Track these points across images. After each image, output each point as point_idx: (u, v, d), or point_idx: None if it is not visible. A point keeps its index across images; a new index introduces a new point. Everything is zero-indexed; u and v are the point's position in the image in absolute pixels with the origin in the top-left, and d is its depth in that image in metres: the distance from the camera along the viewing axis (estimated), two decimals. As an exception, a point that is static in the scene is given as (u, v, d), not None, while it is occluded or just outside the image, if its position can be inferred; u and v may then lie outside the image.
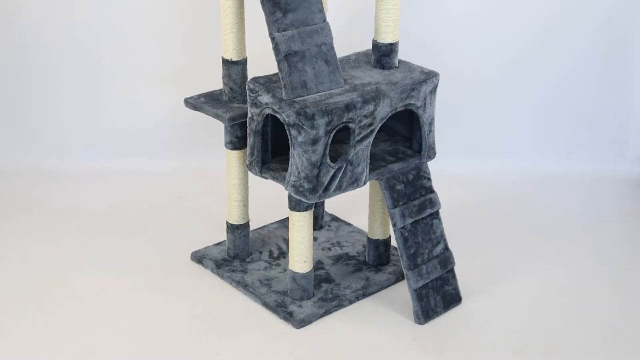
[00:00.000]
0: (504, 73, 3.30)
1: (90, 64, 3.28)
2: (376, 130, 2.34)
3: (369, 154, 2.35)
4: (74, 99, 3.32)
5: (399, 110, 2.37)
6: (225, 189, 2.69)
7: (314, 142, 2.23)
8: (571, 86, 3.32)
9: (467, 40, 3.27)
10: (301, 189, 2.29)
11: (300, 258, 2.44)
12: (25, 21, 3.23)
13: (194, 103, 2.55)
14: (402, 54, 2.60)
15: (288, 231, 2.60)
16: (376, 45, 2.44)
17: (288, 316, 2.45)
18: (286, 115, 2.25)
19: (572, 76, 3.31)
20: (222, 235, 2.81)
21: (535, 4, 3.22)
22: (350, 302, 2.53)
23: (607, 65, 3.30)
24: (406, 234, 2.43)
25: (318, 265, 2.67)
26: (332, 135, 2.25)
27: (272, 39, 2.26)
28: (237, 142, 2.53)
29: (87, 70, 3.29)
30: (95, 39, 3.25)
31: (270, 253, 2.73)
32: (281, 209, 2.95)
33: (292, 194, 2.34)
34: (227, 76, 2.51)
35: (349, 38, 2.92)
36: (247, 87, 2.36)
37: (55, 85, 3.30)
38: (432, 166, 2.71)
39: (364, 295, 2.56)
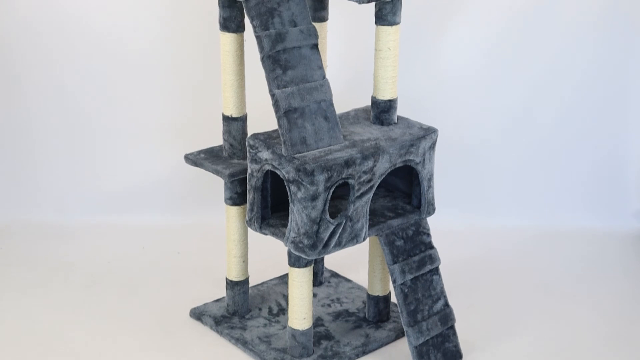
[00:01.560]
0: (503, 129, 3.32)
1: (90, 119, 3.30)
2: (375, 186, 2.34)
3: (368, 209, 2.35)
4: (74, 154, 3.33)
5: (398, 166, 2.38)
6: (224, 244, 2.69)
7: (314, 198, 2.23)
8: (570, 142, 3.33)
9: (466, 96, 3.29)
10: (301, 245, 2.28)
11: (300, 315, 2.43)
12: (25, 77, 3.25)
13: (194, 159, 2.56)
14: (400, 111, 2.62)
15: (287, 287, 2.59)
16: (375, 102, 2.46)
17: (287, 373, 2.43)
18: (286, 172, 2.25)
19: (570, 132, 3.32)
20: (221, 292, 2.79)
21: (532, 62, 3.25)
22: None
23: (605, 121, 3.31)
24: (406, 290, 2.42)
25: (318, 322, 2.65)
26: (331, 191, 2.25)
27: (272, 95, 2.27)
28: (236, 198, 2.53)
29: (87, 126, 3.31)
30: (95, 94, 3.27)
31: (270, 310, 2.71)
32: (281, 265, 2.94)
33: (292, 250, 2.33)
34: (227, 132, 2.53)
35: (348, 94, 2.94)
36: (247, 143, 2.37)
37: (55, 140, 3.32)
38: (432, 222, 2.71)
39: (364, 353, 2.54)
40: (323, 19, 2.61)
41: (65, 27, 3.20)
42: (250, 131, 2.51)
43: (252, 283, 2.83)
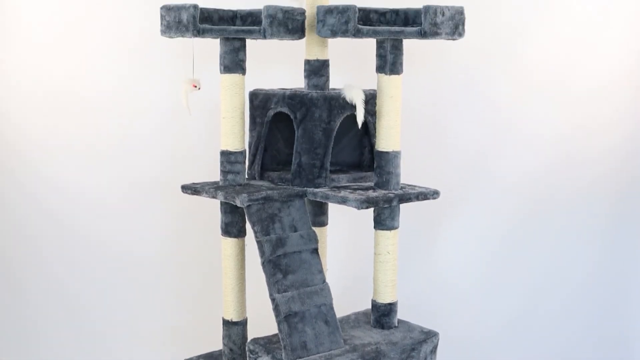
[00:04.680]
0: (505, 331, 3.30)
1: (89, 321, 3.29)
2: (377, 392, 2.31)
3: (370, 416, 2.31)
4: (72, 356, 3.29)
5: (399, 370, 2.35)
6: None
7: (314, 404, 2.19)
8: (572, 340, 3.31)
9: (466, 298, 3.30)
10: None
11: None
12: (25, 282, 3.27)
13: (193, 364, 2.53)
14: (401, 314, 2.62)
15: None
16: (375, 305, 2.46)
17: None
18: (286, 377, 2.23)
19: (572, 330, 3.31)
20: None
21: (531, 262, 3.28)
22: None
23: (608, 318, 3.31)
24: None
25: None
26: (332, 396, 2.22)
27: (273, 299, 2.28)
28: (236, 404, 2.49)
29: (86, 328, 3.29)
30: (95, 296, 3.28)
31: None
32: None
33: None
34: (227, 337, 2.51)
35: (348, 298, 2.94)
36: (247, 348, 2.35)
37: (54, 344, 3.29)
38: None
39: None
40: (323, 223, 2.66)
41: (65, 234, 3.24)
42: (251, 335, 2.50)
43: None
